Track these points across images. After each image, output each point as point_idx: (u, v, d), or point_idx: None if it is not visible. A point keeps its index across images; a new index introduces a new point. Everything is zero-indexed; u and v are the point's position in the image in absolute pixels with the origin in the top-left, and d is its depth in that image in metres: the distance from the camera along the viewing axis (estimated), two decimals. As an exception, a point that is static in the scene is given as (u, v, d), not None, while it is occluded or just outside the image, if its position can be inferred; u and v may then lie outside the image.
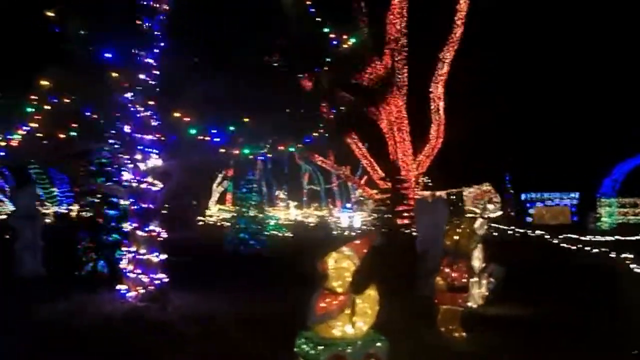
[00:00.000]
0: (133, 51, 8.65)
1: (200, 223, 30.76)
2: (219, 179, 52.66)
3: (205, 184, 48.53)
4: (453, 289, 7.22)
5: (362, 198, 42.35)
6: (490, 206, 9.78)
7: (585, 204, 35.48)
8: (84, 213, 14.46)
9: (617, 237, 20.01)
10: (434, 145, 34.01)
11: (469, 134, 36.94)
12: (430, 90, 33.31)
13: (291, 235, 27.42)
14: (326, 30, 15.68)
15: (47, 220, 26.67)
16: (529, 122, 39.01)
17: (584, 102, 37.76)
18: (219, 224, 32.57)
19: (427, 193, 31.92)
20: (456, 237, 7.27)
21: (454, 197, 20.49)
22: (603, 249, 10.71)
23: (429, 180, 32.39)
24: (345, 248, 5.51)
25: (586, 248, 11.48)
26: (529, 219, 37.30)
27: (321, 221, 36.06)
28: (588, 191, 34.86)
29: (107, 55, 8.76)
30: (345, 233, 28.77)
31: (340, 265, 5.37)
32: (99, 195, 13.30)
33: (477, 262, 9.16)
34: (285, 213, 49.14)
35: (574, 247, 11.92)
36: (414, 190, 32.04)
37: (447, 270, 7.29)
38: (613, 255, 10.10)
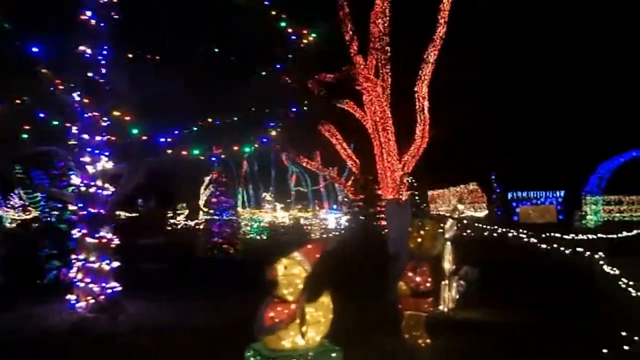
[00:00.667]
0: (74, 47, 8.20)
1: (178, 227, 30.11)
2: (206, 182, 52.01)
3: (195, 189, 47.95)
4: (417, 294, 6.83)
5: (346, 199, 41.93)
6: (460, 206, 9.44)
7: (570, 202, 35.27)
8: (48, 219, 13.97)
9: (599, 235, 19.76)
10: (420, 145, 33.35)
11: (455, 134, 36.72)
12: (415, 89, 32.92)
13: (266, 238, 26.97)
14: (282, 24, 15.05)
15: (10, 226, 26.12)
16: (515, 121, 38.75)
17: (569, 100, 37.58)
18: (196, 227, 31.94)
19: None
20: (419, 240, 6.86)
21: (418, 198, 20.09)
22: (579, 249, 10.26)
23: (414, 181, 31.99)
24: (296, 254, 5.16)
25: (561, 248, 11.03)
26: (515, 218, 37.08)
27: (295, 224, 34.61)
28: (574, 189, 34.65)
29: (35, 50, 8.28)
30: (321, 235, 28.20)
31: (291, 272, 5.04)
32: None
33: (447, 264, 8.80)
34: (273, 215, 48.76)
35: (549, 247, 11.48)
36: (400, 190, 31.69)
37: (410, 274, 6.90)
38: (587, 254, 9.70)
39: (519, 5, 37.88)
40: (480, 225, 26.42)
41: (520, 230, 19.85)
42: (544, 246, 11.44)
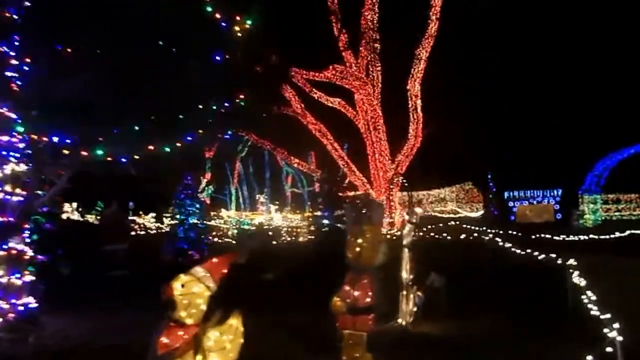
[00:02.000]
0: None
1: (142, 232, 28.79)
2: (202, 185, 51.22)
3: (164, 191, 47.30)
4: (355, 311, 6.00)
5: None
6: (418, 210, 8.71)
7: (568, 201, 34.57)
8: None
9: (591, 236, 19.07)
10: (413, 144, 32.97)
11: (449, 133, 36.13)
12: (407, 87, 32.28)
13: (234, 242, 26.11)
14: (209, 9, 14.11)
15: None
16: (511, 118, 38.19)
17: (566, 97, 37.03)
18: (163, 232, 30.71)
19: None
20: (358, 249, 6.10)
21: (360, 202, 18.97)
22: (553, 255, 9.51)
23: (405, 181, 31.36)
24: (199, 269, 4.49)
25: (535, 253, 10.25)
26: (512, 218, 36.37)
27: (258, 229, 33.41)
28: (571, 188, 33.97)
29: None
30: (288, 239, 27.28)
31: (190, 291, 4.34)
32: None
33: (405, 273, 8.08)
34: (267, 218, 48.14)
35: (524, 252, 10.73)
36: (390, 191, 31.06)
37: (347, 288, 6.02)
38: (559, 261, 9.01)
39: (517, 4, 37.44)
40: (457, 226, 25.58)
41: (496, 232, 19.03)
42: (518, 251, 10.69)
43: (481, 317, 8.50)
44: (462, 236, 18.60)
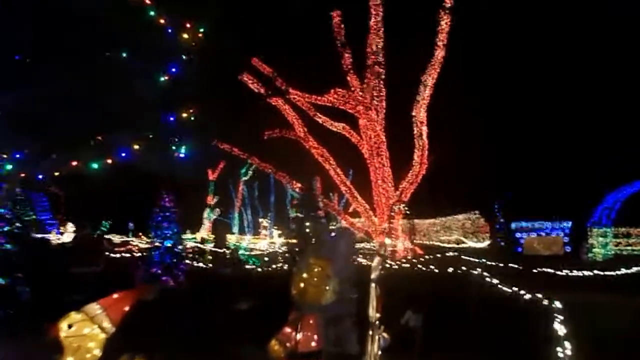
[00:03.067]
0: None
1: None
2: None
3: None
4: (295, 357, 5.19)
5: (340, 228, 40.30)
6: (388, 241, 7.93)
7: (578, 234, 33.46)
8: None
9: (595, 272, 18.09)
10: (418, 171, 32.25)
11: (456, 160, 35.46)
12: (413, 114, 31.70)
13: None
14: (152, 13, 13.39)
15: None
16: (519, 147, 37.42)
17: (577, 129, 36.26)
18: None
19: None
20: (302, 285, 5.35)
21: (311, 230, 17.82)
22: (539, 295, 8.65)
23: (407, 209, 30.54)
24: (95, 306, 3.82)
25: (522, 292, 9.38)
26: (519, 250, 35.26)
27: (232, 253, 31.54)
28: (582, 220, 32.89)
29: None
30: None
31: (81, 332, 3.68)
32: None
33: (371, 311, 7.26)
34: (270, 242, 47.33)
35: (510, 290, 9.83)
36: (392, 219, 30.25)
37: (288, 330, 5.23)
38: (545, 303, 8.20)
39: (526, 28, 37.02)
40: (454, 257, 24.51)
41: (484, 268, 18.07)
42: (505, 288, 9.80)
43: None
44: (450, 269, 17.62)
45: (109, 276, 14.59)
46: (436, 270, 18.38)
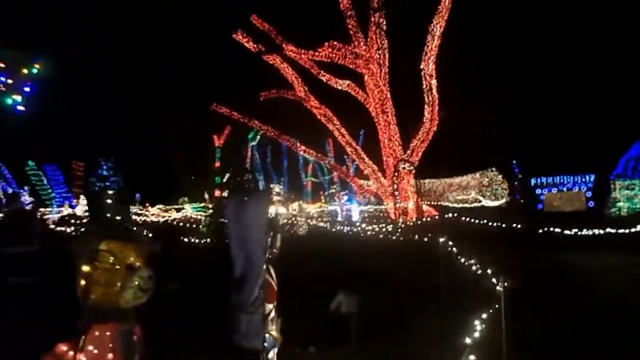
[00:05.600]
0: None
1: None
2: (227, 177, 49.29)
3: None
4: None
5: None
6: (305, 205, 6.31)
7: (602, 188, 31.38)
8: None
9: (608, 230, 16.25)
10: (429, 128, 30.39)
11: (470, 115, 33.47)
12: (421, 67, 29.69)
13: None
14: None
15: None
16: (537, 97, 35.09)
17: (599, 74, 33.73)
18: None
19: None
20: (83, 283, 3.67)
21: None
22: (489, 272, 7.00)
23: (412, 168, 28.87)
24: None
25: (474, 267, 7.64)
26: (540, 206, 33.38)
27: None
28: (605, 173, 30.75)
29: None
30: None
31: None
32: None
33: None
34: (291, 209, 46.14)
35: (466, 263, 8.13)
36: (396, 179, 28.66)
37: (63, 348, 3.63)
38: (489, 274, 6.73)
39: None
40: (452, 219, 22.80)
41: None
42: (463, 260, 8.18)
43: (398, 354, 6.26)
44: (416, 237, 15.91)
45: (50, 256, 13.54)
46: (401, 238, 16.79)
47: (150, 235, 17.00)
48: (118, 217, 4.08)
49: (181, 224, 32.52)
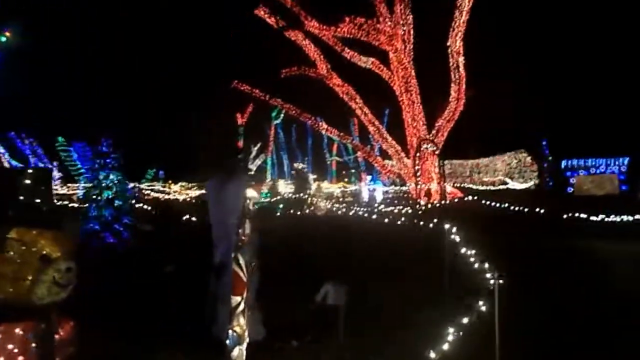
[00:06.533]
0: None
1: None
2: (253, 153, 48.77)
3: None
4: None
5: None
6: (254, 193, 5.60)
7: (635, 171, 30.03)
8: None
9: (637, 216, 15.29)
10: (455, 107, 29.45)
11: (498, 94, 32.35)
12: (448, 44, 28.67)
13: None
14: None
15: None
16: (569, 76, 33.63)
17: (633, 53, 32.08)
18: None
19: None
20: None
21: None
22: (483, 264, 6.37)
23: (435, 148, 28.02)
24: None
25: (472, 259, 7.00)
26: (570, 190, 32.14)
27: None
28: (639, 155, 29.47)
29: None
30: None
31: None
32: None
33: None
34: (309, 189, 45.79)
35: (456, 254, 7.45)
36: (419, 159, 27.91)
37: None
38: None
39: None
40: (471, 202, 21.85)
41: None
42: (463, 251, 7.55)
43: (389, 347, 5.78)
44: (421, 223, 14.99)
45: None
46: (406, 223, 16.02)
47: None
48: (38, 201, 3.68)
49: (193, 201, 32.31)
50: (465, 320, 5.25)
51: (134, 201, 20.33)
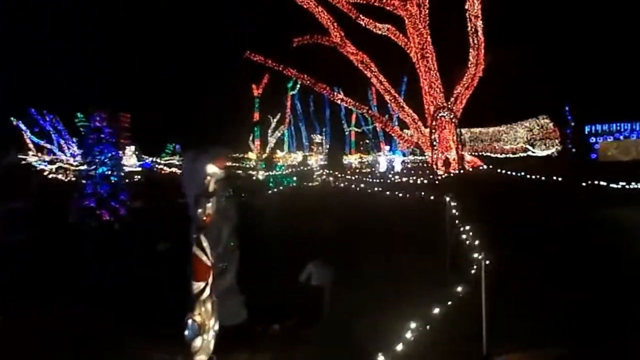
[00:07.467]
0: None
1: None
2: (272, 126, 47.78)
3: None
4: None
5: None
6: (216, 170, 5.06)
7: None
8: None
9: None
10: (474, 73, 28.56)
11: (518, 59, 31.29)
12: (466, 7, 27.65)
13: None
14: None
15: None
16: (593, 38, 32.29)
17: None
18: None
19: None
20: None
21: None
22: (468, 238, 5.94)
23: (452, 116, 27.26)
24: None
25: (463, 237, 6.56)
26: (594, 156, 31.20)
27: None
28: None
29: None
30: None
31: None
32: None
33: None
34: (317, 159, 45.35)
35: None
36: (436, 127, 27.24)
37: None
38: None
39: None
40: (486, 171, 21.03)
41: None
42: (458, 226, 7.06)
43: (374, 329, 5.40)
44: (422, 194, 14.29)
45: (42, 212, 13.18)
46: (407, 196, 15.39)
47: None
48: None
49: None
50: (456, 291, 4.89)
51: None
